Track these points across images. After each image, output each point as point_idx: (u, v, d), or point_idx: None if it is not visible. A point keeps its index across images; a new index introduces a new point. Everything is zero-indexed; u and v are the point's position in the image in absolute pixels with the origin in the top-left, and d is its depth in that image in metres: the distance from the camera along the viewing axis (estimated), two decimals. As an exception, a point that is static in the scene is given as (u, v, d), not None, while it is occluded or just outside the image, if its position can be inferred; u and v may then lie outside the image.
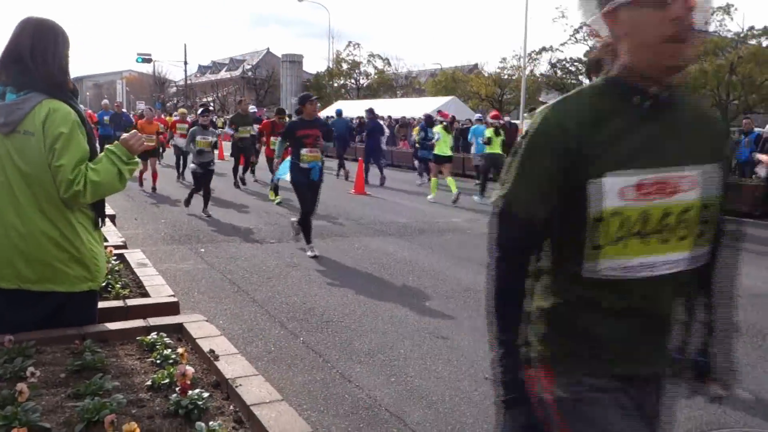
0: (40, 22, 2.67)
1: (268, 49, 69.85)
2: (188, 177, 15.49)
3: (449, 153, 14.93)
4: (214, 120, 25.66)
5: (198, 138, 11.24)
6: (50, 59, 2.62)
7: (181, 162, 17.24)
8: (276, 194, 13.31)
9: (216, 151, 12.82)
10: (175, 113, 23.07)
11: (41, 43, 2.62)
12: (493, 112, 17.40)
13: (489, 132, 14.80)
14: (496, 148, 14.60)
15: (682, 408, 4.14)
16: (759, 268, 8.37)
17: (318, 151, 8.26)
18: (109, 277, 3.39)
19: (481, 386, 4.41)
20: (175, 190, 15.07)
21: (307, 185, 8.26)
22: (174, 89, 71.59)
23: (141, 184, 14.95)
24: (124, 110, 32.17)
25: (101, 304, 2.92)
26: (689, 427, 3.88)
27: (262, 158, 16.76)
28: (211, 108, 16.56)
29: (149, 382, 2.19)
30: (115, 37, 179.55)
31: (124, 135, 2.84)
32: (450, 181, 14.49)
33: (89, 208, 2.71)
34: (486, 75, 44.28)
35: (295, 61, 58.31)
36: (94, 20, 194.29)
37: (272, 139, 14.29)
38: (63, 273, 2.60)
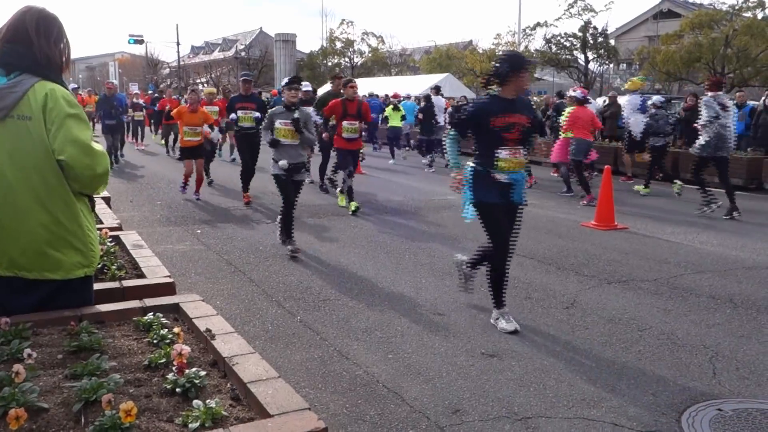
0: (42, 9, 2.66)
1: (261, 28, 69.18)
2: (222, 175, 13.79)
3: (399, 125, 19.26)
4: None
5: (278, 124, 7.33)
6: (53, 43, 2.62)
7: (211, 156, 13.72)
8: (350, 200, 10.13)
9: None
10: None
11: (46, 26, 2.61)
12: (394, 92, 22.68)
13: (388, 110, 19.72)
14: (396, 123, 19.15)
15: (676, 379, 4.19)
16: (753, 240, 8.41)
17: (523, 152, 5.07)
18: (105, 258, 3.38)
19: (478, 361, 4.44)
20: (171, 172, 15.00)
21: (502, 210, 5.05)
22: (167, 70, 71.06)
23: (184, 188, 11.44)
24: (136, 92, 27.02)
25: (97, 286, 2.92)
26: (684, 398, 3.92)
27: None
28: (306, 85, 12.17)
29: (146, 362, 2.20)
30: (107, 19, 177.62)
31: None
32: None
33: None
34: (481, 51, 43.98)
35: (288, 40, 57.79)
36: (84, 1, 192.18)
37: (345, 124, 10.14)
38: (58, 260, 2.59)
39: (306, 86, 14.53)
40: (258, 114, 10.89)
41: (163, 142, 19.99)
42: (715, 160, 10.06)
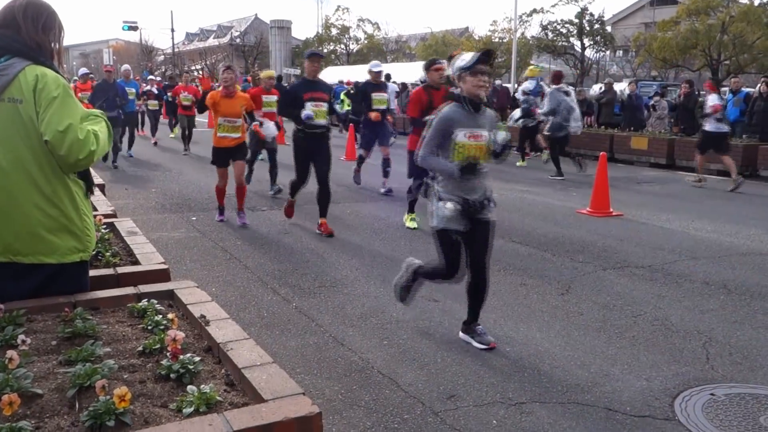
0: None
1: (256, 14, 69.06)
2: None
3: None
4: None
5: (462, 136, 4.31)
6: (41, 29, 2.59)
7: (256, 160, 11.12)
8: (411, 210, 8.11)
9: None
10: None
11: (34, 13, 2.59)
12: (347, 80, 23.76)
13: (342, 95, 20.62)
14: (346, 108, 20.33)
15: (670, 364, 4.21)
16: (747, 227, 8.44)
17: None
18: (99, 245, 3.37)
19: (472, 348, 4.46)
20: (170, 161, 14.95)
21: None
22: (162, 57, 70.75)
23: (221, 213, 8.46)
24: (151, 78, 22.15)
25: (92, 273, 2.91)
26: (677, 383, 3.94)
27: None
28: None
29: (140, 348, 2.19)
30: (101, 5, 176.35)
31: None
32: None
33: (78, 176, 2.69)
34: (477, 38, 43.88)
35: (283, 27, 57.59)
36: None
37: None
38: (54, 244, 2.59)
39: (376, 66, 11.01)
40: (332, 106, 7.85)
41: (179, 134, 17.38)
42: (563, 137, 12.29)
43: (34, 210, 2.53)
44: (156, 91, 18.68)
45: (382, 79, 11.41)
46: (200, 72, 37.49)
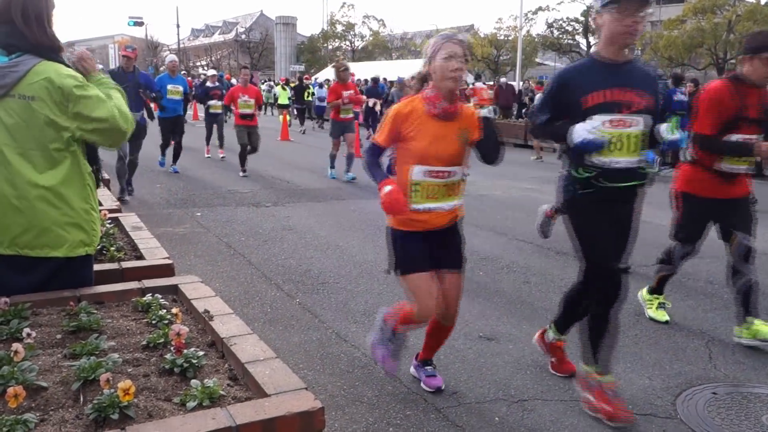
0: None
1: (261, 11, 69.10)
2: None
3: (286, 102, 25.71)
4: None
5: None
6: (45, 23, 2.59)
7: None
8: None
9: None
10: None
11: (34, 5, 2.57)
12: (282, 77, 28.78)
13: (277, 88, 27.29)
14: (283, 100, 25.67)
15: (672, 363, 4.21)
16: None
17: None
18: (104, 240, 3.39)
19: (475, 344, 4.46)
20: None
21: None
22: (167, 53, 70.87)
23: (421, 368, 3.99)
24: (212, 73, 16.05)
25: (96, 267, 2.92)
26: (679, 382, 3.94)
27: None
28: None
29: (144, 342, 2.21)
30: (106, 0, 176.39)
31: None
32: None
33: (91, 170, 2.72)
34: (482, 36, 43.84)
35: (288, 23, 57.63)
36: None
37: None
38: (61, 237, 2.60)
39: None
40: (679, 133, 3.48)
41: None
42: None
43: (43, 204, 2.55)
44: (222, 89, 14.23)
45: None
46: (206, 68, 37.03)
